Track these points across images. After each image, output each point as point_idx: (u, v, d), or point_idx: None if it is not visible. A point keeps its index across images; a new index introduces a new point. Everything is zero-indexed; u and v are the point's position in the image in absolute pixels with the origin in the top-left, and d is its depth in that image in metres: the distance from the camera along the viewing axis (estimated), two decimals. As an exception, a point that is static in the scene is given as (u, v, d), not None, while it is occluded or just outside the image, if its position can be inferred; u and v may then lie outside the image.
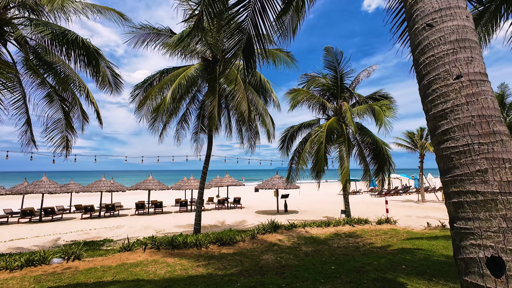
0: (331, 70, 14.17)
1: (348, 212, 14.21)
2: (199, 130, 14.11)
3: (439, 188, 30.37)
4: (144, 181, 21.79)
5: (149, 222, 17.88)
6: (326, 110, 15.11)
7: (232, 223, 17.07)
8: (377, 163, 13.98)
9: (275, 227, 9.36)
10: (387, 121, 11.72)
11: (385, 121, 11.68)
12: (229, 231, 11.14)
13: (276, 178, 20.53)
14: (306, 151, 13.70)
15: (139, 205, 21.15)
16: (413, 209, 21.15)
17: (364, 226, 10.63)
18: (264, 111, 12.33)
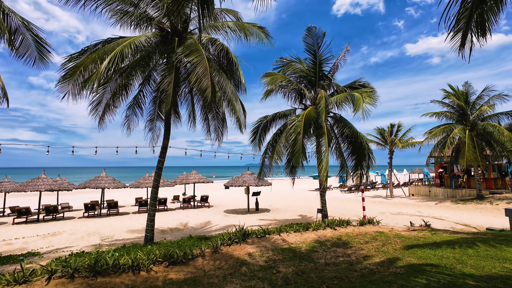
0: (310, 54, 12.36)
1: (325, 211, 12.57)
2: (155, 117, 11.51)
3: (404, 184, 30.56)
4: (95, 178, 18.46)
5: (98, 226, 14.85)
6: (304, 99, 13.31)
7: (196, 225, 14.69)
8: (355, 157, 12.48)
9: (245, 235, 7.26)
10: (365, 107, 10.13)
11: (363, 107, 10.07)
12: (188, 239, 8.83)
13: (247, 174, 18.47)
14: (280, 144, 11.77)
15: (89, 206, 17.84)
16: (384, 205, 20.37)
17: (347, 229, 8.96)
18: (234, 96, 10.11)
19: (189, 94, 12.28)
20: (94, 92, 8.25)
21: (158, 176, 9.74)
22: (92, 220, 16.59)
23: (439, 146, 21.55)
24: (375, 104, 10.50)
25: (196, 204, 21.74)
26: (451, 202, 20.63)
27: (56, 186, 17.00)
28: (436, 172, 24.24)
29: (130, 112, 11.13)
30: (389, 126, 24.31)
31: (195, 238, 9.07)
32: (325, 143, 10.32)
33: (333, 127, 13.29)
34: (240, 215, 17.32)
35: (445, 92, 21.01)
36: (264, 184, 17.99)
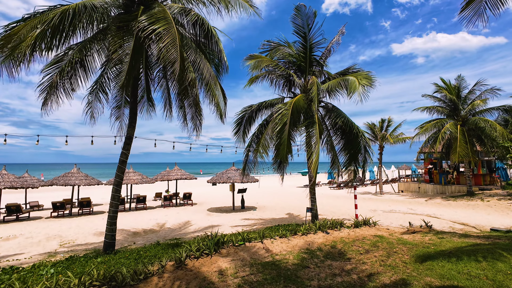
0: (300, 36, 10.84)
1: (315, 210, 11.18)
2: (123, 104, 9.76)
3: (392, 180, 29.71)
4: (65, 174, 16.44)
5: (64, 227, 12.97)
6: (293, 87, 11.81)
7: (174, 225, 13.03)
8: (349, 151, 11.11)
9: (218, 244, 5.71)
10: (361, 89, 8.72)
11: (359, 89, 8.66)
12: (153, 247, 7.20)
13: (232, 170, 16.89)
14: (266, 136, 10.25)
15: (58, 205, 15.85)
16: (374, 202, 19.26)
17: (341, 233, 7.58)
18: (213, 80, 8.45)
19: (163, 80, 10.57)
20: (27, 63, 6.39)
21: (120, 171, 8.03)
22: (60, 221, 14.65)
23: (429, 142, 20.61)
24: (373, 85, 9.06)
25: (178, 202, 20.01)
26: (441, 198, 19.74)
27: (18, 183, 14.93)
28: (425, 168, 23.38)
29: (93, 97, 9.32)
30: (380, 121, 23.24)
31: (163, 244, 7.46)
32: (316, 134, 8.86)
33: (324, 119, 11.87)
34: (224, 213, 15.77)
35: (437, 86, 20.02)
36: (251, 181, 16.48)
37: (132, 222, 13.84)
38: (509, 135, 16.91)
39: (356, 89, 8.39)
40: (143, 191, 26.31)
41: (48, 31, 5.74)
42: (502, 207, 15.56)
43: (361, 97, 8.36)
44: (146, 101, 10.83)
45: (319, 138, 8.89)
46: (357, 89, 8.37)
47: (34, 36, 5.48)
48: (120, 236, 11.41)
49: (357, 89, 8.37)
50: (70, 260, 6.70)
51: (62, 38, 6.37)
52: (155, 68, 10.36)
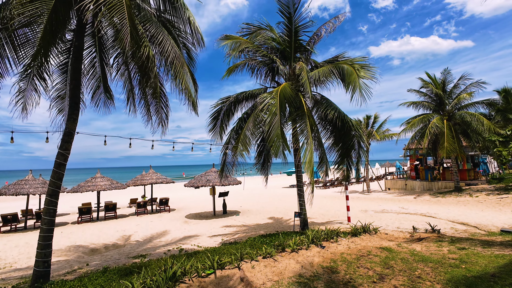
0: (285, 17, 9.22)
1: (305, 215, 9.59)
2: (67, 93, 7.72)
3: (378, 177, 28.85)
4: (16, 182, 13.89)
5: (10, 245, 10.62)
6: (276, 76, 10.19)
7: (143, 237, 11.00)
8: (341, 148, 9.64)
9: (175, 277, 3.91)
10: (362, 84, 7.26)
11: (359, 84, 7.21)
12: (97, 277, 5.26)
13: (212, 172, 15.02)
14: (247, 131, 8.55)
15: (9, 218, 13.32)
16: (363, 202, 18.04)
17: (339, 246, 6.00)
18: (179, 61, 6.60)
19: (124, 66, 8.60)
20: None
21: (57, 177, 6.01)
22: (8, 237, 12.18)
23: (416, 138, 19.74)
24: (375, 78, 7.56)
25: (154, 209, 17.84)
26: (429, 195, 18.86)
27: (-44, 194, 12.28)
28: (411, 165, 22.59)
29: (26, 84, 7.20)
30: (365, 117, 22.19)
31: (111, 272, 5.53)
32: (307, 128, 7.27)
33: (312, 111, 10.34)
34: (204, 220, 13.87)
35: (422, 81, 19.19)
36: (232, 183, 14.70)
37: (94, 235, 11.66)
38: (495, 128, 16.22)
39: (356, 84, 6.90)
40: (117, 197, 23.79)
41: None
42: (493, 203, 14.74)
43: (362, 93, 6.86)
44: (102, 92, 8.85)
45: (311, 133, 7.29)
46: (357, 85, 6.88)
47: None
48: (75, 254, 9.29)
49: (357, 85, 6.88)
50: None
51: None
52: (113, 53, 8.41)
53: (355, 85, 7.08)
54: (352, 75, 7.69)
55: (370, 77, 7.52)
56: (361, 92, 6.96)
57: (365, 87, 7.10)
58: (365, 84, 7.16)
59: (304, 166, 7.06)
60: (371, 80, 7.39)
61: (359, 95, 6.92)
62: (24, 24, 4.50)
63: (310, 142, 7.05)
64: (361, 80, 7.44)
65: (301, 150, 7.32)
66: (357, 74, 7.37)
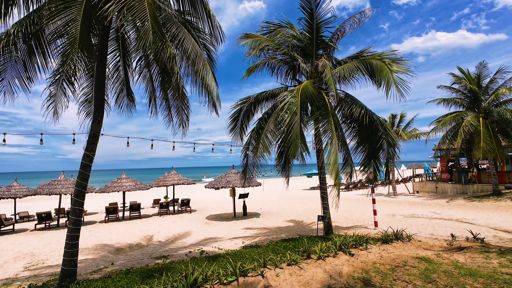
0: (306, 12, 8.85)
1: (329, 219, 9.09)
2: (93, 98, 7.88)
3: (404, 180, 27.19)
4: (50, 183, 14.66)
5: (43, 243, 11.13)
6: (297, 74, 9.82)
7: (165, 238, 11.06)
8: (368, 148, 9.05)
9: (196, 284, 3.70)
10: (397, 79, 6.69)
11: (394, 79, 6.65)
12: (120, 279, 5.21)
13: (232, 173, 14.89)
14: (268, 132, 8.27)
15: (44, 216, 14.06)
16: (390, 205, 17.02)
17: (369, 254, 5.51)
18: (200, 60, 6.46)
19: (146, 69, 8.68)
20: None
21: (83, 178, 6.10)
22: (43, 234, 12.83)
23: (447, 137, 18.34)
24: (410, 71, 6.94)
25: (176, 209, 18.06)
26: (464, 199, 17.40)
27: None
28: (443, 167, 21.02)
29: (56, 89, 7.48)
30: (390, 116, 21.01)
31: (134, 273, 5.48)
32: (332, 127, 6.84)
33: (335, 110, 9.83)
34: (224, 222, 13.75)
35: (454, 77, 17.80)
36: (253, 185, 14.46)
37: (120, 235, 11.93)
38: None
39: (389, 79, 6.37)
40: (140, 198, 24.50)
41: None
42: (540, 209, 13.24)
43: (398, 88, 6.31)
44: (125, 96, 8.99)
45: (335, 133, 6.85)
46: (391, 80, 6.35)
47: None
48: (102, 253, 9.50)
49: (391, 80, 6.35)
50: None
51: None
52: (135, 56, 8.53)
53: (388, 81, 6.55)
54: (384, 70, 7.15)
55: (405, 71, 6.92)
56: (397, 87, 6.41)
57: (400, 82, 6.53)
58: (400, 78, 6.59)
59: (328, 168, 6.63)
60: (406, 74, 6.79)
61: (396, 90, 6.38)
62: (56, 32, 4.53)
63: (334, 142, 6.61)
64: (395, 75, 6.87)
65: (325, 151, 6.90)
66: (388, 69, 6.83)
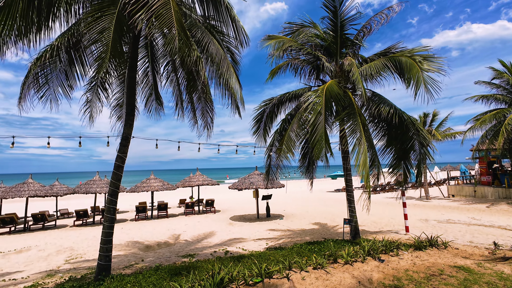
0: (329, 11, 8.66)
1: (356, 222, 8.77)
2: (124, 101, 8.35)
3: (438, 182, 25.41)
4: (87, 182, 15.75)
5: (81, 238, 11.98)
6: (321, 74, 9.63)
7: (191, 237, 11.36)
8: (398, 149, 8.60)
9: (222, 283, 3.75)
10: (428, 79, 6.30)
11: (424, 78, 6.27)
12: (150, 275, 5.44)
13: (255, 175, 14.94)
14: (291, 132, 8.19)
15: (81, 213, 15.14)
16: (422, 209, 16.00)
17: (401, 260, 5.22)
18: (225, 63, 6.61)
19: (173, 74, 9.03)
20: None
21: (116, 178, 6.48)
22: (80, 230, 13.81)
23: (488, 136, 16.86)
24: (442, 69, 6.50)
25: (201, 209, 18.51)
26: (507, 204, 15.89)
27: (42, 192, 14.42)
28: (482, 169, 19.34)
29: (92, 95, 8.04)
30: (422, 115, 19.80)
31: (163, 270, 5.69)
32: (359, 127, 6.60)
33: (361, 109, 9.48)
34: (248, 223, 13.82)
35: (494, 71, 16.35)
36: (276, 186, 14.38)
37: (149, 233, 12.47)
38: None
39: (420, 79, 6.02)
40: (167, 197, 25.44)
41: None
42: None
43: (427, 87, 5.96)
44: (154, 99, 9.42)
45: (363, 133, 6.60)
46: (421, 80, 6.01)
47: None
48: (133, 249, 10.00)
49: (421, 79, 6.01)
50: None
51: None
52: (163, 61, 8.91)
53: (418, 80, 6.19)
54: (413, 69, 6.77)
55: (437, 70, 6.49)
56: (426, 88, 6.05)
57: (431, 81, 6.15)
58: (430, 77, 6.20)
59: (357, 169, 6.40)
60: (438, 73, 6.36)
61: (425, 90, 6.02)
62: (91, 40, 4.88)
63: (363, 142, 6.37)
64: (425, 74, 6.48)
65: (353, 152, 6.67)
66: (419, 67, 6.45)
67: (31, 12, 5.14)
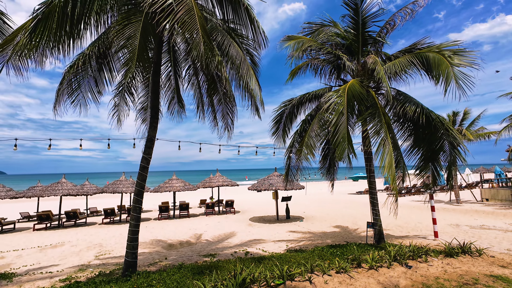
0: (350, 8, 8.46)
1: (380, 226, 8.45)
2: (149, 105, 8.69)
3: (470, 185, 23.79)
4: (114, 182, 16.56)
5: (109, 235, 12.60)
6: (342, 74, 9.41)
7: (212, 237, 11.55)
8: (425, 150, 8.19)
9: (244, 284, 3.77)
10: (459, 74, 5.94)
11: (455, 74, 5.92)
12: (173, 273, 5.59)
13: (275, 176, 14.89)
14: (312, 133, 8.07)
15: (109, 212, 15.94)
16: (452, 214, 15.06)
17: (430, 267, 4.94)
18: (245, 65, 6.67)
19: (194, 77, 9.27)
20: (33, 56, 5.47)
21: (141, 178, 6.75)
22: (108, 228, 14.53)
23: (527, 136, 15.56)
24: (475, 63, 6.09)
25: (221, 210, 18.76)
26: (551, 210, 14.52)
27: (74, 190, 15.37)
28: (520, 171, 17.80)
29: (119, 99, 8.46)
30: (450, 114, 18.67)
31: (186, 269, 5.83)
32: (384, 127, 6.37)
33: (385, 109, 9.14)
34: (267, 224, 13.80)
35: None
36: (296, 188, 14.24)
37: (171, 232, 12.85)
38: None
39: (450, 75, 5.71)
40: (188, 198, 26.05)
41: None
42: None
43: (459, 84, 5.64)
44: (176, 103, 9.71)
45: (388, 133, 6.36)
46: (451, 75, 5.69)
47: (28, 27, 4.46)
48: (156, 248, 10.35)
49: (452, 74, 5.69)
50: (73, 287, 5.52)
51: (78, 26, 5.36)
52: (184, 65, 9.17)
53: (448, 76, 5.86)
54: (442, 64, 6.42)
55: (469, 64, 6.09)
56: (458, 83, 5.70)
57: (462, 77, 5.79)
58: (461, 73, 5.85)
59: (381, 171, 6.17)
60: (470, 67, 5.98)
61: (456, 87, 5.68)
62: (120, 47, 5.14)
63: (388, 143, 6.13)
64: (456, 69, 6.12)
65: (377, 153, 6.43)
66: (448, 62, 6.10)
67: (65, 22, 5.50)
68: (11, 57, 4.69)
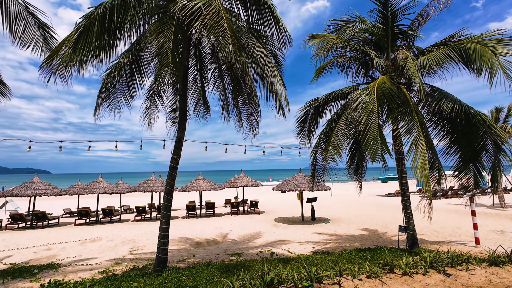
0: (378, 2, 8.10)
1: (413, 230, 7.98)
2: (178, 107, 9.04)
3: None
4: (145, 181, 17.44)
5: (140, 232, 13.31)
6: (370, 71, 9.05)
7: (238, 237, 11.70)
8: (464, 150, 7.59)
9: (272, 284, 3.78)
10: (505, 63, 5.44)
11: (501, 63, 5.43)
12: (202, 270, 5.76)
13: (299, 177, 14.71)
14: (338, 133, 7.85)
15: (140, 209, 16.83)
16: (497, 219, 13.76)
17: (472, 276, 4.56)
18: (269, 66, 6.68)
19: (219, 80, 9.48)
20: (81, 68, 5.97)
21: (171, 178, 7.05)
22: (140, 225, 15.34)
23: None
24: None
25: (246, 210, 18.93)
26: None
27: (110, 189, 16.45)
28: None
29: (149, 103, 8.91)
30: (493, 110, 17.10)
31: (214, 267, 5.98)
32: (416, 125, 6.02)
33: (418, 106, 8.62)
34: (293, 225, 13.67)
35: None
36: (321, 189, 13.94)
37: (198, 230, 13.24)
38: None
39: (493, 64, 5.28)
40: (214, 197, 26.62)
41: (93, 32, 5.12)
42: None
43: (507, 73, 5.20)
44: (202, 105, 9.99)
45: (422, 132, 6.00)
46: (496, 65, 5.26)
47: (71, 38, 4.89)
48: (185, 245, 10.72)
49: (497, 64, 5.27)
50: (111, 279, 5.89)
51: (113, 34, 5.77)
52: (210, 68, 9.41)
53: (493, 66, 5.39)
54: (485, 55, 5.92)
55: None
56: (506, 73, 5.23)
57: (510, 66, 5.30)
58: (509, 62, 5.35)
59: (413, 172, 5.84)
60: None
61: (504, 77, 5.21)
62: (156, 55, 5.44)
63: (421, 142, 5.78)
64: (501, 58, 5.62)
65: (409, 153, 6.09)
66: (492, 52, 5.61)
67: (104, 33, 5.93)
68: (59, 67, 5.15)
